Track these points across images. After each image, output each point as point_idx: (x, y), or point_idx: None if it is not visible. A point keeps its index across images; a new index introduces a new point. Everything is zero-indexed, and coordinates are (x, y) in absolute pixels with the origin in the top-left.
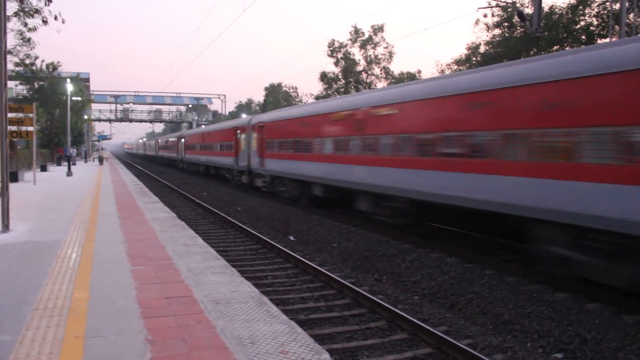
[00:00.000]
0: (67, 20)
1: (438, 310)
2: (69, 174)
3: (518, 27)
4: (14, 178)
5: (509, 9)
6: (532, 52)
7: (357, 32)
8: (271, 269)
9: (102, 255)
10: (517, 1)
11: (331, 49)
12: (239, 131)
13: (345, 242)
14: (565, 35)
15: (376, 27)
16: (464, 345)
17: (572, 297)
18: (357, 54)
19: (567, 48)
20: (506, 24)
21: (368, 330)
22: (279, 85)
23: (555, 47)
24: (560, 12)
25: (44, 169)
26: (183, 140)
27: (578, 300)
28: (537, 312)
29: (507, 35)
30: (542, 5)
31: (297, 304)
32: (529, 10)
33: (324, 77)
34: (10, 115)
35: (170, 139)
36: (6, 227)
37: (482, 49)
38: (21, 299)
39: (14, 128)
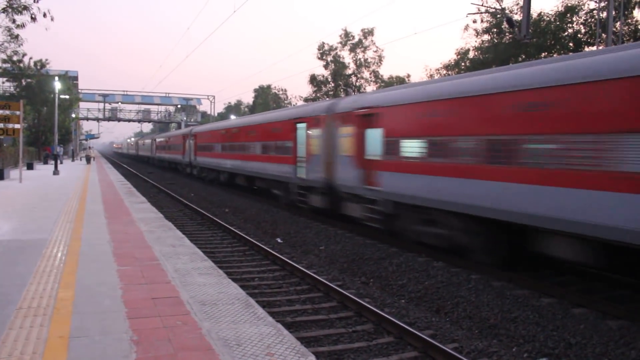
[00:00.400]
0: (59, 11)
1: (424, 314)
2: (56, 172)
3: (507, 33)
4: (0, 176)
5: (498, 15)
6: (520, 59)
7: (347, 35)
8: (258, 270)
9: (88, 255)
10: (506, 8)
11: (321, 51)
12: (303, 125)
13: (333, 245)
14: (553, 42)
15: (366, 30)
16: (449, 349)
17: (558, 302)
18: (346, 57)
19: (555, 55)
20: (495, 30)
21: (354, 333)
22: (269, 87)
23: (543, 54)
24: (548, 19)
25: (30, 167)
26: (193, 138)
27: (563, 305)
28: (523, 317)
29: (495, 41)
30: (531, 12)
31: (283, 306)
32: (517, 16)
33: (313, 79)
34: None
35: (173, 137)
36: None
37: (471, 54)
38: (5, 298)
39: (0, 125)
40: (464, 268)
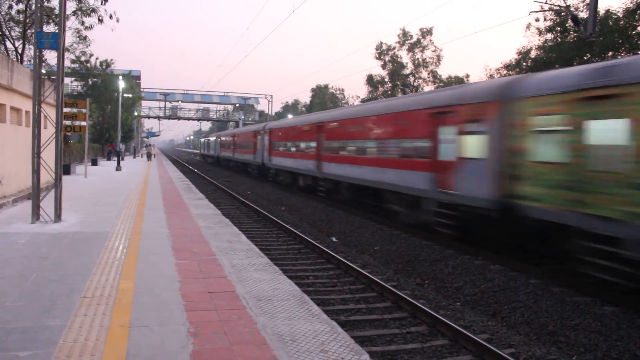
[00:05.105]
0: (119, 19)
1: (480, 318)
2: (119, 168)
3: (571, 32)
4: (67, 171)
5: (563, 13)
6: (585, 58)
7: (405, 35)
8: (313, 269)
9: (147, 249)
10: (571, 5)
11: (379, 51)
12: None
13: (388, 245)
14: (621, 40)
15: (425, 30)
16: (506, 354)
17: (622, 311)
18: (404, 57)
19: (622, 54)
20: (559, 28)
21: (408, 334)
22: (326, 86)
23: (610, 53)
24: (616, 16)
25: (94, 163)
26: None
27: (628, 314)
28: (584, 325)
29: (559, 40)
30: (598, 9)
31: (337, 305)
32: (583, 14)
33: (370, 80)
34: (65, 110)
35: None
36: (58, 218)
37: (533, 53)
38: (70, 287)
39: (68, 122)
40: (522, 272)
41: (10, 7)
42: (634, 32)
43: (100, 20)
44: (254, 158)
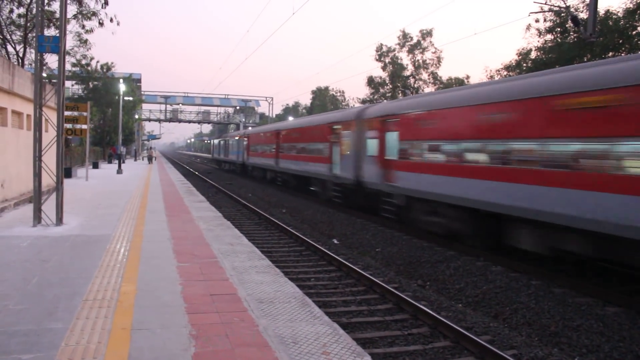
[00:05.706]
0: (120, 22)
1: (482, 319)
2: (120, 171)
3: (571, 33)
4: (68, 174)
5: (563, 14)
6: (585, 58)
7: (405, 36)
8: (314, 271)
9: (149, 251)
10: (571, 6)
11: (379, 53)
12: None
13: (389, 247)
14: (621, 41)
15: (425, 31)
16: (508, 355)
17: (624, 312)
18: (405, 58)
19: (623, 54)
20: (559, 29)
21: (410, 336)
22: (326, 88)
23: (610, 54)
24: (616, 17)
25: (95, 166)
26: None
27: (631, 315)
28: (586, 326)
29: (559, 40)
30: (597, 9)
31: (339, 307)
32: (583, 15)
33: (370, 81)
34: (66, 113)
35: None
36: (60, 221)
37: (533, 54)
38: (72, 290)
39: (69, 126)
40: (524, 273)
41: (12, 11)
42: (634, 33)
43: (101, 24)
44: (332, 170)
